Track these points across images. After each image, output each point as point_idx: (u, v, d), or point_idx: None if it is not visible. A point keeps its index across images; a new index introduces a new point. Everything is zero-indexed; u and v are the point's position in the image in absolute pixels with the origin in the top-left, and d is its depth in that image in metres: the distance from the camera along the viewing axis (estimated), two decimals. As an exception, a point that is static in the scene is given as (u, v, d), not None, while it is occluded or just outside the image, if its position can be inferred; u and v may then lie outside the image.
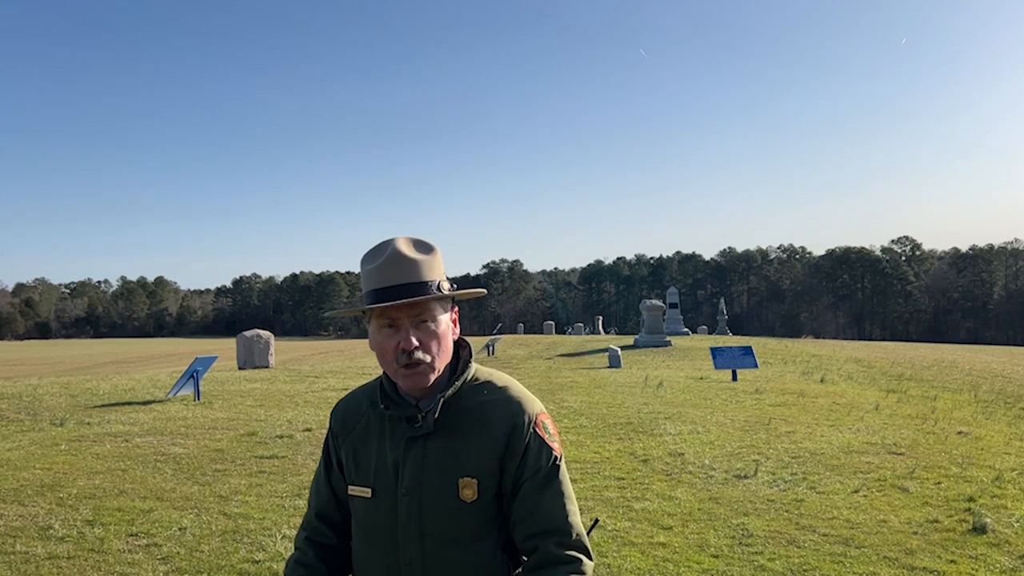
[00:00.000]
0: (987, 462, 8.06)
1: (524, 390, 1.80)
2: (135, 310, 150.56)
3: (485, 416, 1.72)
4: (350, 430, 1.83)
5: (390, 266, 1.68)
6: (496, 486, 1.71)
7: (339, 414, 1.89)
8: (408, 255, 1.69)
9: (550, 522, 1.69)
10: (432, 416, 1.70)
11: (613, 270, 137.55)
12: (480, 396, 1.75)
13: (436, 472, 1.69)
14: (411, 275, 1.67)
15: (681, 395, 13.56)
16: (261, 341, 21.79)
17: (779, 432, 9.67)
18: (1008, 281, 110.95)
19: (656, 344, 28.48)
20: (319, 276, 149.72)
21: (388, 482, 1.73)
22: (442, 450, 1.70)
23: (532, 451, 1.71)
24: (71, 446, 8.97)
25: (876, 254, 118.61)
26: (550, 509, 1.69)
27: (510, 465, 1.70)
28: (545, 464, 1.71)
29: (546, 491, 1.70)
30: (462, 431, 1.71)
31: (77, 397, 13.67)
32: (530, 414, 1.73)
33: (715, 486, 7.05)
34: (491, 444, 1.70)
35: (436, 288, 1.69)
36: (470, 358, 1.80)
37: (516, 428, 1.70)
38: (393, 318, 1.68)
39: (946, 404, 13.73)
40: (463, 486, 1.68)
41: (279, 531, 5.73)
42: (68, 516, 6.14)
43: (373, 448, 1.77)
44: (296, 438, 9.40)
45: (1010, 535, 5.58)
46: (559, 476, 1.73)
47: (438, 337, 1.70)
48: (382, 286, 1.68)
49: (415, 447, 1.71)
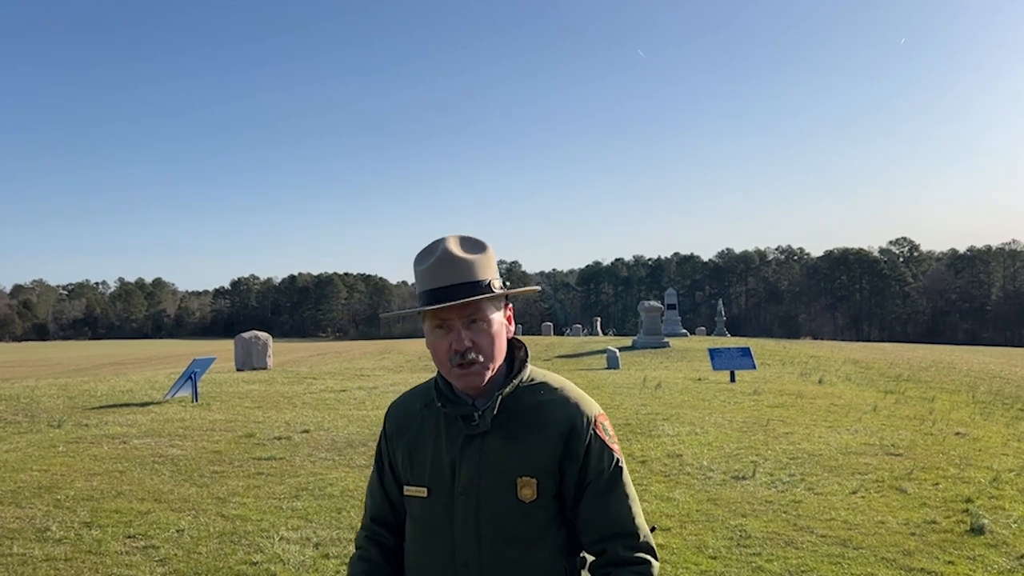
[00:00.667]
0: (985, 463, 8.06)
1: (581, 391, 1.78)
2: (133, 311, 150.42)
3: (543, 416, 1.70)
4: (405, 431, 1.81)
5: (441, 266, 1.65)
6: (555, 487, 1.69)
7: (393, 416, 1.87)
8: (458, 255, 1.66)
9: (617, 525, 1.68)
10: (490, 413, 1.68)
11: (611, 271, 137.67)
12: (537, 396, 1.73)
13: (494, 471, 1.68)
14: (462, 275, 1.65)
15: (679, 396, 13.57)
16: (259, 342, 21.77)
17: (777, 433, 9.67)
18: (1006, 282, 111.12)
19: (654, 345, 28.49)
20: (317, 277, 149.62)
21: (444, 481, 1.71)
22: (500, 449, 1.68)
23: (594, 453, 1.69)
24: (69, 448, 8.96)
25: (874, 255, 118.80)
26: (617, 512, 1.69)
27: (571, 467, 1.68)
28: (608, 466, 1.70)
29: (611, 494, 1.69)
30: (520, 430, 1.70)
31: (75, 399, 13.65)
32: (589, 415, 1.72)
33: (713, 487, 7.06)
34: (550, 444, 1.68)
35: (487, 287, 1.67)
36: (526, 358, 1.78)
37: (575, 429, 1.69)
38: (445, 319, 1.66)
39: (944, 405, 13.73)
40: (522, 485, 1.66)
41: (277, 533, 5.72)
42: (65, 518, 6.13)
43: (429, 448, 1.75)
44: (294, 440, 9.39)
45: (1008, 536, 5.58)
46: (623, 478, 1.72)
47: (491, 337, 1.68)
48: (434, 287, 1.65)
49: (472, 446, 1.70)
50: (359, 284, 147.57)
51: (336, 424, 10.54)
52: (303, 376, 18.49)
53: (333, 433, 9.82)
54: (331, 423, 10.64)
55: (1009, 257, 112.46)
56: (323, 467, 7.93)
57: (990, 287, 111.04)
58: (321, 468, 7.88)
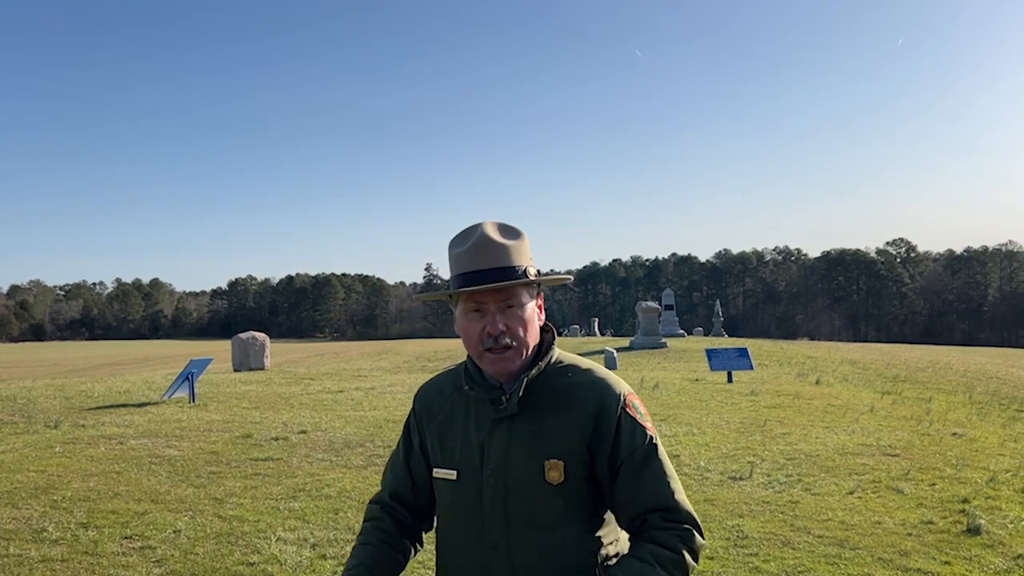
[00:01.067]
0: (981, 463, 8.08)
1: (609, 372, 1.77)
2: (130, 312, 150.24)
3: (571, 397, 1.70)
4: (435, 414, 1.82)
5: (478, 250, 1.67)
6: (584, 469, 1.67)
7: (423, 398, 1.88)
8: (496, 239, 1.68)
9: (656, 500, 1.66)
10: (516, 396, 1.68)
11: (609, 272, 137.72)
12: (565, 378, 1.73)
13: (522, 453, 1.67)
14: (499, 260, 1.66)
15: (676, 397, 13.57)
16: (256, 343, 21.76)
17: (774, 434, 9.68)
18: (1003, 283, 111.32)
19: (652, 346, 28.50)
20: (315, 278, 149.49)
21: (473, 464, 1.71)
22: (528, 431, 1.68)
23: (625, 432, 1.67)
24: (65, 448, 8.95)
25: (871, 256, 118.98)
26: (654, 488, 1.66)
27: (602, 449, 1.66)
28: (641, 444, 1.68)
29: (646, 472, 1.67)
30: (548, 412, 1.69)
31: (71, 399, 13.63)
32: (618, 395, 1.70)
33: (710, 487, 7.06)
34: (578, 426, 1.67)
35: (523, 273, 1.68)
36: (553, 340, 1.79)
37: (604, 409, 1.68)
38: (480, 302, 1.68)
39: (941, 406, 13.75)
40: (549, 468, 1.65)
41: (274, 533, 5.72)
42: (62, 519, 6.12)
43: (459, 431, 1.76)
44: (291, 440, 9.38)
45: (1004, 536, 5.60)
46: (658, 455, 1.70)
47: (524, 322, 1.69)
48: (470, 270, 1.67)
49: (500, 428, 1.70)
50: (357, 285, 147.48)
51: (333, 425, 10.53)
52: (300, 377, 18.48)
53: (330, 434, 9.81)
54: (328, 424, 10.63)
55: (1006, 258, 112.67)
56: (320, 468, 7.92)
57: (987, 288, 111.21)
58: (318, 469, 7.88)
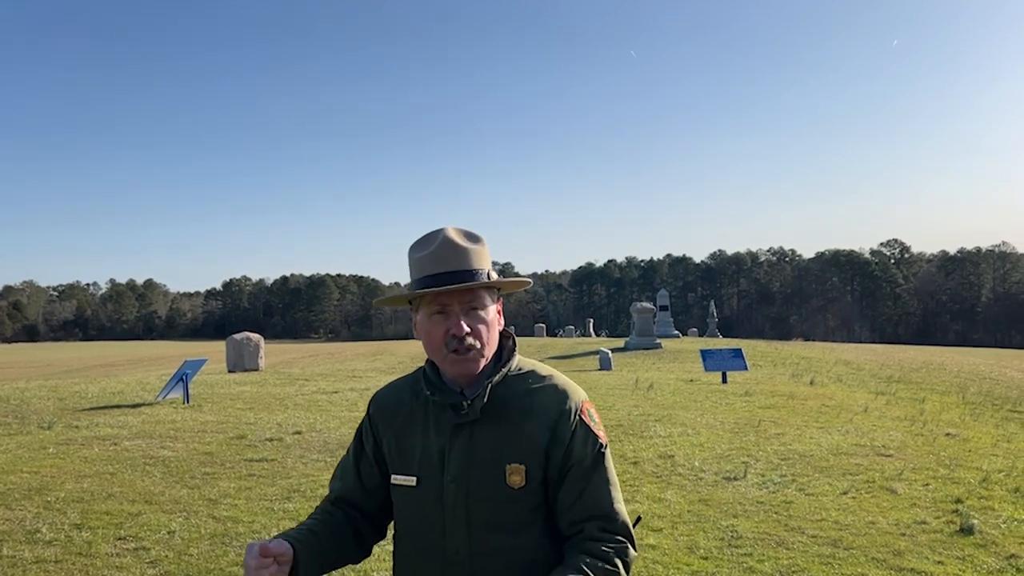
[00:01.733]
0: (975, 464, 8.11)
1: (568, 379, 1.81)
2: (124, 313, 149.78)
3: (532, 403, 1.72)
4: (391, 420, 1.82)
5: (442, 253, 1.69)
6: (542, 473, 1.70)
7: (380, 404, 1.87)
8: (459, 243, 1.71)
9: (595, 508, 1.70)
10: (480, 402, 1.69)
11: (604, 273, 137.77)
12: (526, 384, 1.76)
13: (484, 458, 1.69)
14: (462, 262, 1.69)
15: (671, 397, 13.59)
16: (251, 344, 21.71)
17: (769, 434, 9.70)
18: (996, 284, 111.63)
19: (646, 346, 28.53)
20: (309, 279, 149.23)
21: (433, 470, 1.72)
22: (489, 436, 1.70)
23: (578, 438, 1.71)
24: (59, 449, 8.92)
25: (865, 257, 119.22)
26: (595, 496, 1.71)
27: (556, 452, 1.70)
28: (591, 451, 1.72)
29: (592, 478, 1.71)
30: (509, 418, 1.71)
31: (65, 400, 13.59)
32: (576, 402, 1.75)
33: (705, 488, 7.07)
34: (538, 431, 1.70)
35: (486, 276, 1.71)
36: (515, 347, 1.81)
37: (563, 415, 1.71)
38: (444, 304, 1.69)
39: (934, 406, 13.80)
40: (511, 472, 1.68)
41: (268, 534, 5.71)
42: (56, 520, 6.10)
43: (417, 437, 1.76)
44: (286, 441, 9.37)
45: (997, 536, 5.62)
46: (604, 463, 1.75)
47: (487, 324, 1.72)
48: (434, 272, 1.68)
49: (462, 434, 1.71)
50: (351, 285, 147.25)
51: (328, 425, 10.52)
52: (295, 377, 18.45)
53: (325, 435, 9.80)
54: (323, 424, 10.62)
55: (999, 259, 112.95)
56: (315, 469, 7.91)
57: (980, 289, 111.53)
58: (313, 470, 7.87)
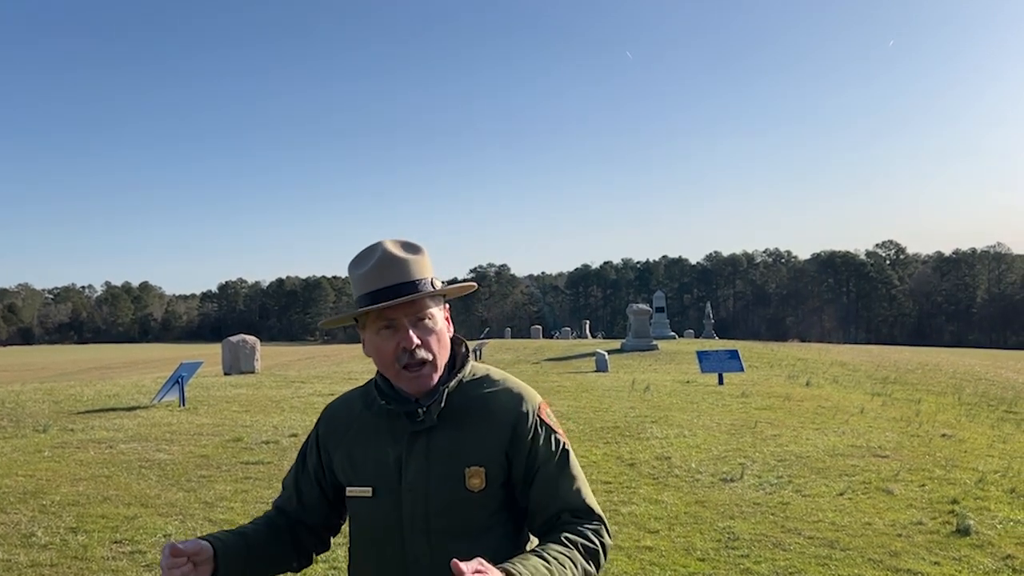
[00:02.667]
0: (970, 464, 8.12)
1: (522, 383, 1.82)
2: (120, 315, 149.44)
3: (487, 407, 1.72)
4: (343, 433, 1.80)
5: (382, 267, 1.67)
6: (503, 474, 1.70)
7: (330, 418, 1.86)
8: (399, 255, 1.69)
9: (568, 503, 1.71)
10: (436, 408, 1.69)
11: (600, 274, 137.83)
12: (481, 389, 1.75)
13: (442, 463, 1.67)
14: (404, 274, 1.67)
15: (668, 399, 13.59)
16: (247, 346, 21.67)
17: (765, 435, 9.71)
18: (991, 284, 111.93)
19: (643, 348, 28.54)
20: (305, 281, 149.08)
21: (390, 479, 1.69)
22: (447, 441, 1.68)
23: (541, 439, 1.72)
24: (54, 452, 8.89)
25: (861, 258, 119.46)
26: (567, 493, 1.71)
27: (518, 455, 1.70)
28: (556, 451, 1.73)
29: (561, 477, 1.72)
30: (466, 422, 1.70)
31: (60, 403, 13.54)
32: (533, 404, 1.75)
33: (701, 489, 7.07)
34: (496, 433, 1.69)
35: (429, 285, 1.69)
36: (468, 353, 1.81)
37: (521, 417, 1.71)
38: (391, 318, 1.67)
39: (930, 407, 13.83)
40: (470, 475, 1.67)
41: (265, 537, 5.69)
42: (51, 523, 6.08)
43: (371, 448, 1.74)
44: (282, 444, 9.35)
45: (993, 536, 5.63)
46: (570, 461, 1.75)
47: (437, 334, 1.70)
48: (376, 288, 1.66)
49: (418, 442, 1.69)
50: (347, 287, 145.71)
51: (324, 428, 10.50)
52: (291, 380, 18.42)
53: (321, 437, 9.78)
54: (319, 427, 10.60)
55: (994, 260, 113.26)
56: (311, 471, 7.90)
57: (975, 290, 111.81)
58: (309, 472, 7.85)
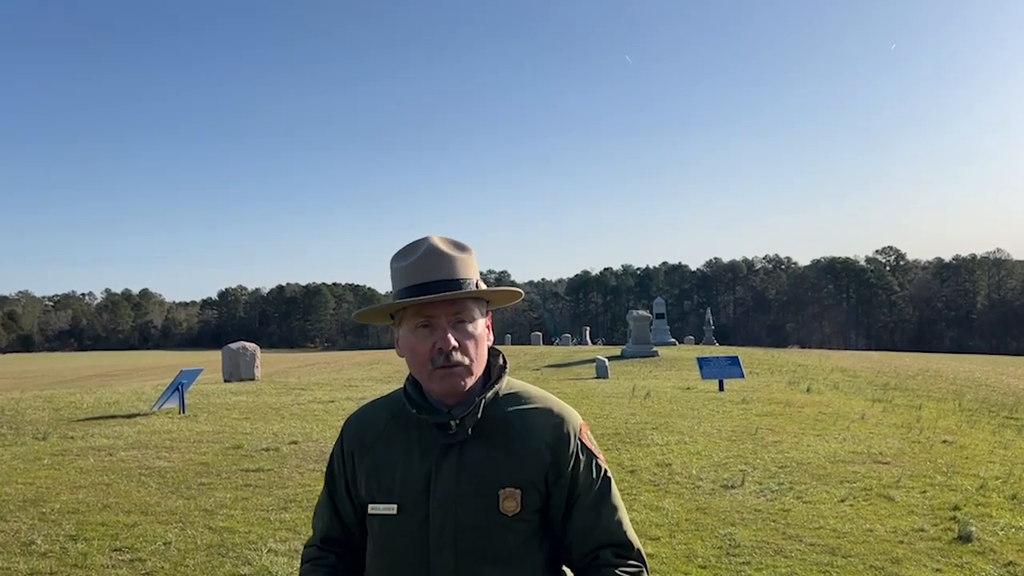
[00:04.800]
0: (972, 471, 8.11)
1: (563, 402, 1.70)
2: (120, 322, 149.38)
3: (525, 425, 1.61)
4: (369, 445, 1.66)
5: (427, 262, 1.57)
6: (539, 499, 1.59)
7: (354, 429, 1.72)
8: (446, 251, 1.59)
9: (610, 535, 1.62)
10: (471, 420, 1.57)
11: (600, 281, 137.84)
12: (518, 404, 1.64)
13: (474, 482, 1.56)
14: (450, 271, 1.57)
15: (668, 405, 13.57)
16: (247, 353, 21.66)
17: (766, 442, 9.69)
18: (991, 290, 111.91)
19: (643, 354, 28.52)
20: (305, 288, 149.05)
21: (418, 495, 1.57)
22: (481, 458, 1.57)
23: (583, 464, 1.62)
24: (54, 460, 8.88)
25: (861, 264, 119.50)
26: (608, 524, 1.62)
27: (558, 481, 1.60)
28: (597, 478, 1.64)
29: (603, 506, 1.63)
30: (501, 439, 1.59)
31: (60, 411, 13.53)
32: (574, 425, 1.64)
33: (702, 496, 7.06)
34: (535, 454, 1.58)
35: (475, 287, 1.59)
36: (505, 366, 1.69)
37: (561, 439, 1.60)
38: (430, 316, 1.56)
39: (931, 413, 13.81)
40: (504, 497, 1.55)
41: (265, 545, 5.68)
42: (51, 531, 6.07)
43: (398, 462, 1.62)
44: (282, 451, 9.34)
45: (995, 543, 5.62)
46: (611, 489, 1.66)
47: (475, 339, 1.60)
48: (419, 282, 1.56)
49: (449, 456, 1.58)
50: (347, 294, 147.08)
51: (324, 435, 10.49)
52: (291, 387, 18.40)
53: (321, 444, 9.77)
54: (319, 434, 10.59)
55: (994, 266, 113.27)
56: (311, 478, 7.89)
57: (975, 295, 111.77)
58: (309, 479, 7.84)
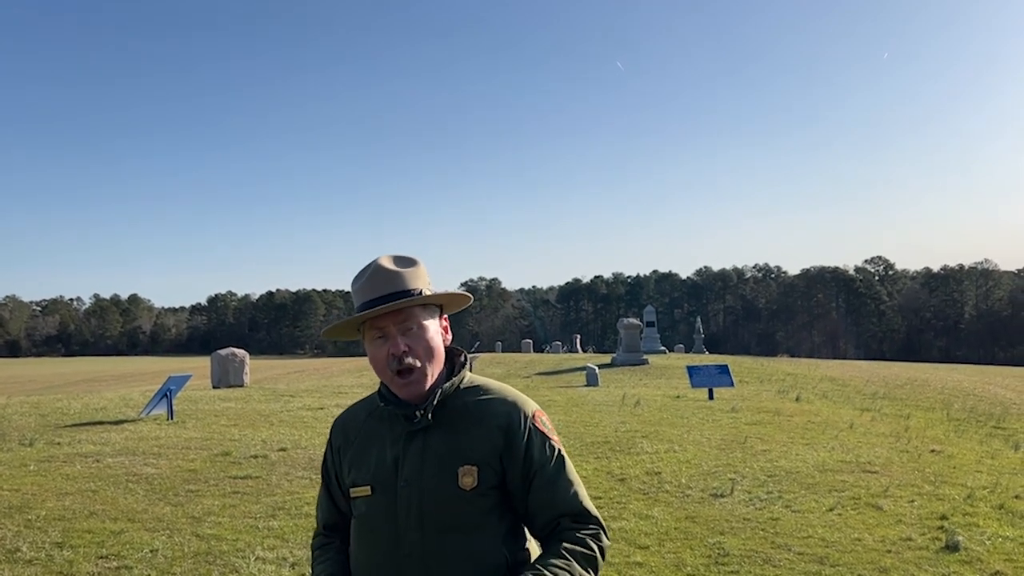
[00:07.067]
0: (959, 480, 8.15)
1: (519, 392, 1.91)
2: (108, 328, 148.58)
3: (482, 412, 1.82)
4: (352, 440, 1.91)
5: (374, 280, 1.80)
6: (495, 478, 1.78)
7: (340, 427, 1.98)
8: (390, 268, 1.82)
9: (567, 506, 1.80)
10: (431, 407, 1.79)
11: (591, 289, 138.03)
12: (476, 395, 1.86)
13: (436, 461, 1.77)
14: (394, 286, 1.80)
15: (658, 414, 13.59)
16: (236, 360, 21.56)
17: (755, 450, 9.72)
18: (979, 301, 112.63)
19: (633, 362, 28.56)
20: (295, 294, 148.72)
21: (388, 477, 1.80)
22: (442, 441, 1.79)
23: (535, 445, 1.81)
24: (40, 467, 8.81)
25: (850, 274, 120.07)
26: (565, 496, 1.80)
27: (513, 461, 1.79)
28: (551, 456, 1.82)
29: (558, 481, 1.81)
30: (461, 423, 1.81)
31: (47, 416, 13.43)
32: (527, 411, 1.85)
33: (692, 505, 7.07)
34: (490, 436, 1.79)
35: (418, 295, 1.81)
36: (466, 362, 1.91)
37: (513, 423, 1.81)
38: (381, 327, 1.80)
39: (919, 422, 13.88)
40: (463, 474, 1.75)
41: (252, 552, 5.66)
42: (36, 538, 6.02)
43: (373, 450, 1.86)
44: (271, 458, 9.30)
45: (982, 552, 5.64)
46: (566, 466, 1.84)
47: (425, 342, 1.81)
48: (368, 299, 1.80)
49: (415, 441, 1.80)
50: (337, 300, 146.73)
51: (313, 442, 10.45)
52: (280, 394, 18.33)
53: (310, 451, 9.73)
54: (308, 441, 10.55)
55: (981, 276, 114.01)
56: (300, 486, 7.86)
57: (963, 306, 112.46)
58: (298, 487, 7.81)
